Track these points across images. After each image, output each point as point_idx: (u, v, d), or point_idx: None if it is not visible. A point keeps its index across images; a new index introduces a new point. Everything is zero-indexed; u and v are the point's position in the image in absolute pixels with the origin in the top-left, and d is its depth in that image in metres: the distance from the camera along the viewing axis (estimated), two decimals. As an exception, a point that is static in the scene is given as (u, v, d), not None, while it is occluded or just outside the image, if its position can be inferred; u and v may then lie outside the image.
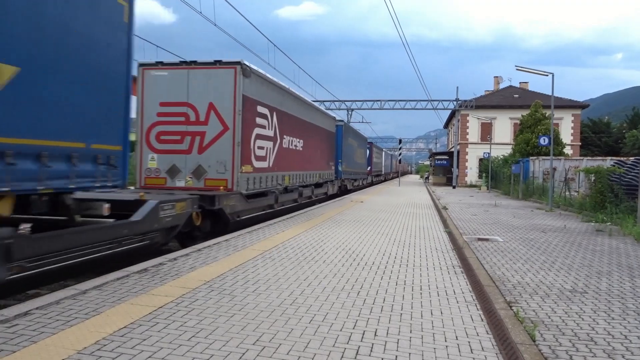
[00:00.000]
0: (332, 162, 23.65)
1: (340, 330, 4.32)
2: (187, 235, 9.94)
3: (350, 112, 49.00)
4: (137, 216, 7.48)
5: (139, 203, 7.81)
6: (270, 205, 14.18)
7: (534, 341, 4.16)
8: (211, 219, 10.58)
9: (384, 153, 57.81)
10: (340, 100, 47.75)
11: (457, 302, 5.39)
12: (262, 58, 22.37)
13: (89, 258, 6.48)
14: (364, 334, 4.25)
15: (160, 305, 4.88)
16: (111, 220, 7.07)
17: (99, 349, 3.69)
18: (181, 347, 3.80)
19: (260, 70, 12.41)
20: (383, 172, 57.71)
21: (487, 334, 4.37)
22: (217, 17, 17.26)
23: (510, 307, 5.15)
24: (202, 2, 15.38)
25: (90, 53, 6.11)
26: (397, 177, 59.19)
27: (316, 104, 21.99)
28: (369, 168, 40.37)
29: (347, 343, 4.01)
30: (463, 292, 5.82)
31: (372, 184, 44.42)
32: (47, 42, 5.40)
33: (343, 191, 27.55)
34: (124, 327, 4.20)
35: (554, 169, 21.97)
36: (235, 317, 4.59)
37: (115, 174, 6.56)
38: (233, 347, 3.83)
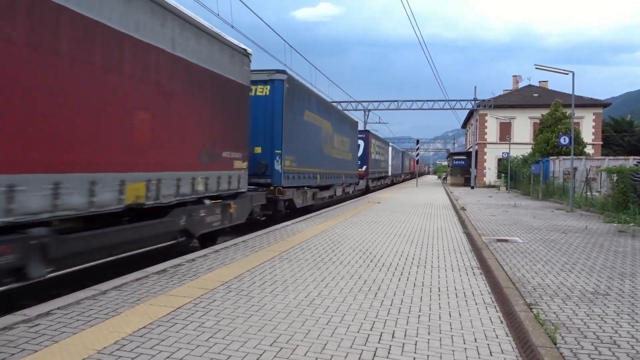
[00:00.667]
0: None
1: (358, 331, 4.30)
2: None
3: (367, 113, 48.89)
4: None
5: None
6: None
7: (555, 344, 4.08)
8: None
9: (390, 149, 45.63)
10: (356, 101, 47.67)
11: (476, 304, 5.33)
12: (279, 59, 22.43)
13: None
14: (381, 335, 4.23)
15: (179, 305, 4.92)
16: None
17: (118, 349, 3.73)
18: (199, 347, 3.82)
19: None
20: (390, 174, 45.30)
21: (507, 336, 4.31)
22: (235, 19, 17.36)
23: (531, 309, 5.07)
24: (220, 5, 15.46)
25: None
26: (415, 178, 58.75)
27: (333, 104, 21.88)
28: (364, 168, 28.92)
29: (365, 345, 3.99)
30: (482, 294, 5.76)
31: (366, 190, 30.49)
32: None
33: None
34: (143, 327, 4.24)
35: (575, 169, 21.62)
36: (253, 317, 4.60)
37: None
38: (250, 348, 3.84)
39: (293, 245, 8.82)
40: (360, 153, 25.93)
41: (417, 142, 49.93)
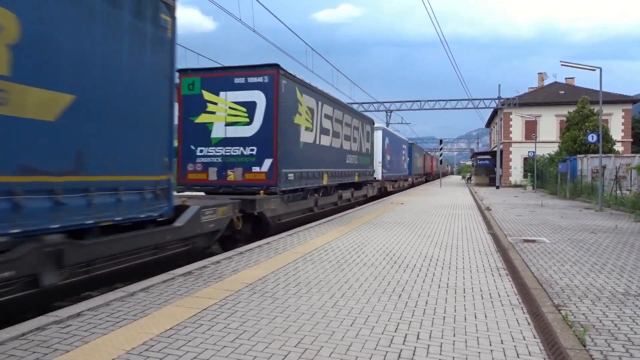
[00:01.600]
0: None
1: (382, 333, 4.30)
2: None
3: (389, 114, 48.68)
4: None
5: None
6: None
7: (585, 346, 4.00)
8: None
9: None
10: (378, 102, 47.50)
11: (502, 305, 5.26)
12: (300, 61, 22.51)
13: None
14: (406, 337, 4.21)
15: (205, 307, 4.98)
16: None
17: (146, 350, 3.81)
18: (225, 348, 3.87)
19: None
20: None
21: (535, 338, 4.25)
22: (257, 23, 17.52)
23: (559, 310, 4.98)
24: (242, 9, 15.64)
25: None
26: (438, 178, 58.18)
27: (354, 106, 21.56)
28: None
29: (389, 346, 3.98)
30: (508, 295, 5.68)
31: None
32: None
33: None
34: (170, 328, 4.31)
35: (604, 167, 21.14)
36: (277, 319, 4.63)
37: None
38: (275, 349, 3.87)
39: (316, 247, 8.85)
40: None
41: (441, 142, 49.49)
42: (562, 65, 19.70)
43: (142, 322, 4.46)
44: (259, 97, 11.33)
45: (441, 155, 50.42)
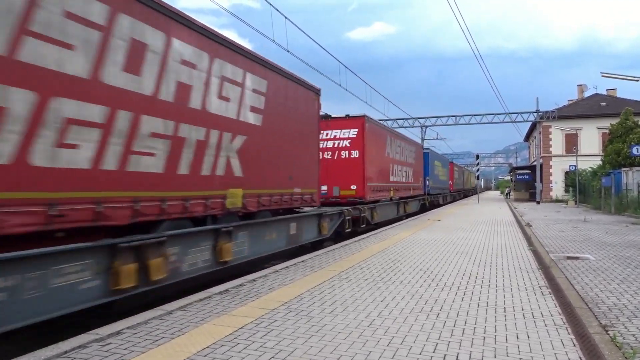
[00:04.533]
0: None
1: (420, 353, 4.20)
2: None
3: (424, 129, 48.29)
4: None
5: None
6: None
7: (635, 369, 3.81)
8: None
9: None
10: (413, 118, 47.23)
11: (545, 325, 5.07)
12: (334, 80, 22.67)
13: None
14: (444, 358, 4.10)
15: (241, 325, 5.00)
16: None
17: (184, 368, 3.83)
18: (261, 367, 3.86)
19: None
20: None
21: (581, 360, 4.07)
22: (292, 43, 17.79)
23: (606, 331, 4.77)
24: (276, 31, 15.93)
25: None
26: (476, 194, 57.04)
27: (389, 122, 22.03)
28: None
29: (428, 367, 3.88)
30: (552, 315, 5.48)
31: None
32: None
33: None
34: (207, 347, 4.34)
35: (651, 180, 20.27)
36: (313, 338, 4.60)
37: None
38: (311, 368, 3.84)
39: (352, 264, 8.78)
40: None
41: (477, 157, 48.63)
42: (602, 76, 19.20)
43: (180, 341, 4.51)
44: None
45: (478, 170, 49.53)
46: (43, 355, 4.05)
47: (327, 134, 16.40)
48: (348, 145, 16.60)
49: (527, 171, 50.74)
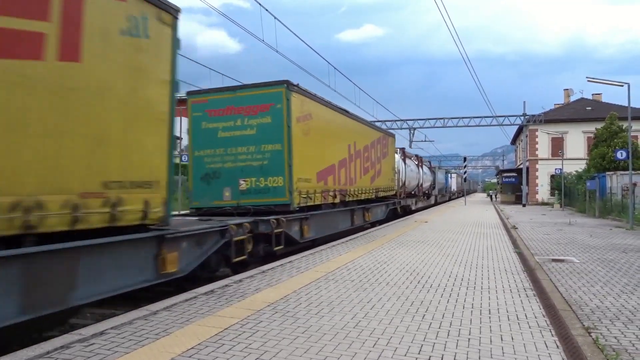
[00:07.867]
0: None
1: (405, 355, 4.21)
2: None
3: (412, 132, 48.49)
4: None
5: None
6: None
7: (617, 371, 3.86)
8: None
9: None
10: (401, 120, 47.41)
11: (530, 327, 5.12)
12: (323, 81, 22.69)
13: None
14: (429, 359, 4.12)
15: (226, 326, 4.98)
16: None
17: (168, 369, 3.80)
18: (246, 369, 3.84)
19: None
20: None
21: (564, 362, 4.11)
22: (281, 44, 17.78)
23: (589, 333, 4.82)
24: (265, 31, 15.94)
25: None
26: (463, 196, 57.41)
27: (377, 123, 21.50)
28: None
29: (412, 368, 3.89)
30: (536, 317, 5.52)
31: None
32: None
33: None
34: (192, 347, 4.31)
35: (634, 184, 20.56)
36: (299, 339, 4.59)
37: None
38: (296, 370, 3.83)
39: (339, 265, 8.79)
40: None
41: (465, 159, 49.00)
42: (588, 81, 19.43)
43: (165, 342, 4.47)
44: None
45: (465, 172, 49.86)
46: (25, 356, 3.99)
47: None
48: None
49: (514, 174, 51.18)
